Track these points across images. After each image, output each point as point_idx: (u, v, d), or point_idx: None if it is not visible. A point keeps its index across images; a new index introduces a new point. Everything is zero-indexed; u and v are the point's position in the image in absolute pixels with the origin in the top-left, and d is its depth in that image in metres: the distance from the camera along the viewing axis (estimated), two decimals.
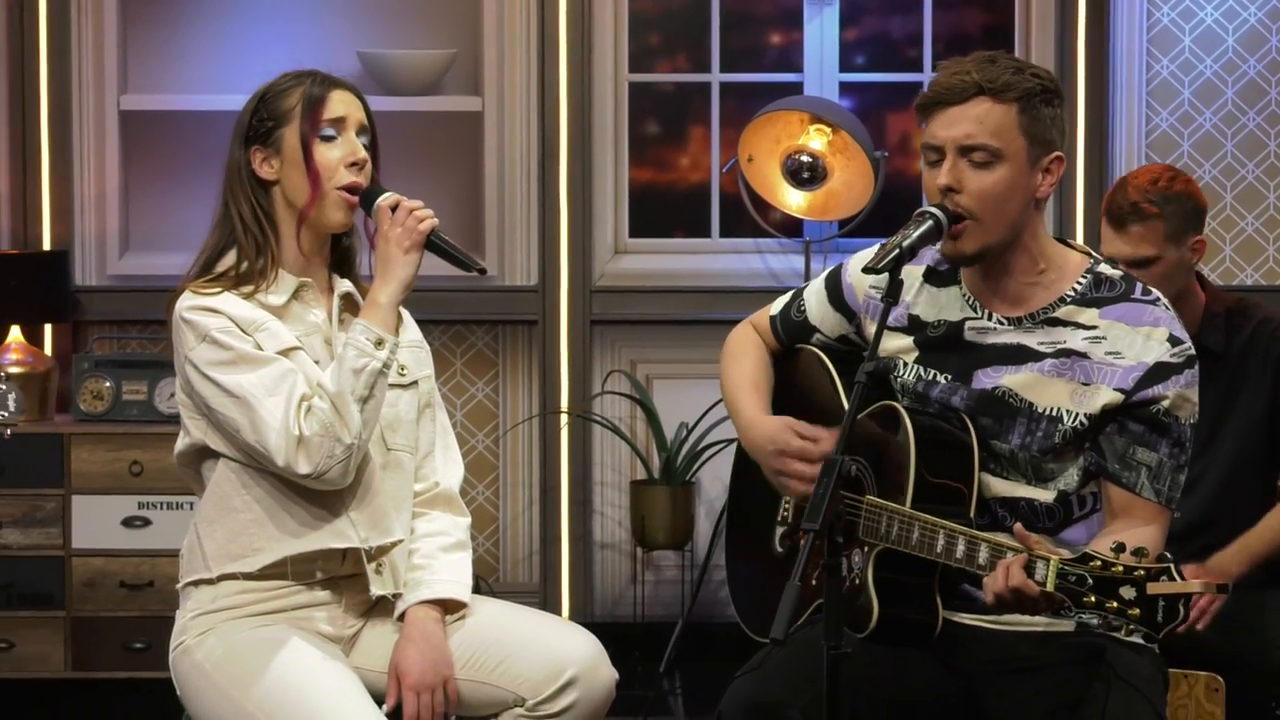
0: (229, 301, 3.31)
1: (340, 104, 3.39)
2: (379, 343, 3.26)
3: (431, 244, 3.34)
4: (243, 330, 3.29)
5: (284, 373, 3.25)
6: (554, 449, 6.57)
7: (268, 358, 3.27)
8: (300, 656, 3.28)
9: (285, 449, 3.21)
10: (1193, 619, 3.82)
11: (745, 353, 3.61)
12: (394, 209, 3.32)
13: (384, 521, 3.35)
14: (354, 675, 3.30)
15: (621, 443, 6.56)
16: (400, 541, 3.37)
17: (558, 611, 6.40)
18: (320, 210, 3.37)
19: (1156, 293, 3.30)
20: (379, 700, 3.31)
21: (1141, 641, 3.24)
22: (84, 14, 6.45)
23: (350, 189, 3.36)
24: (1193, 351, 3.24)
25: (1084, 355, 3.24)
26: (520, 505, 6.62)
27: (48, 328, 6.44)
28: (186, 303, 3.32)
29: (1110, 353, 3.23)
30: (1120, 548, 2.86)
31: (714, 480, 6.43)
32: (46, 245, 6.46)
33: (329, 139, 3.37)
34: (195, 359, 3.28)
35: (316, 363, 3.32)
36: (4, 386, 3.78)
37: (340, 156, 3.36)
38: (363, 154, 3.39)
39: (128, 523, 6.01)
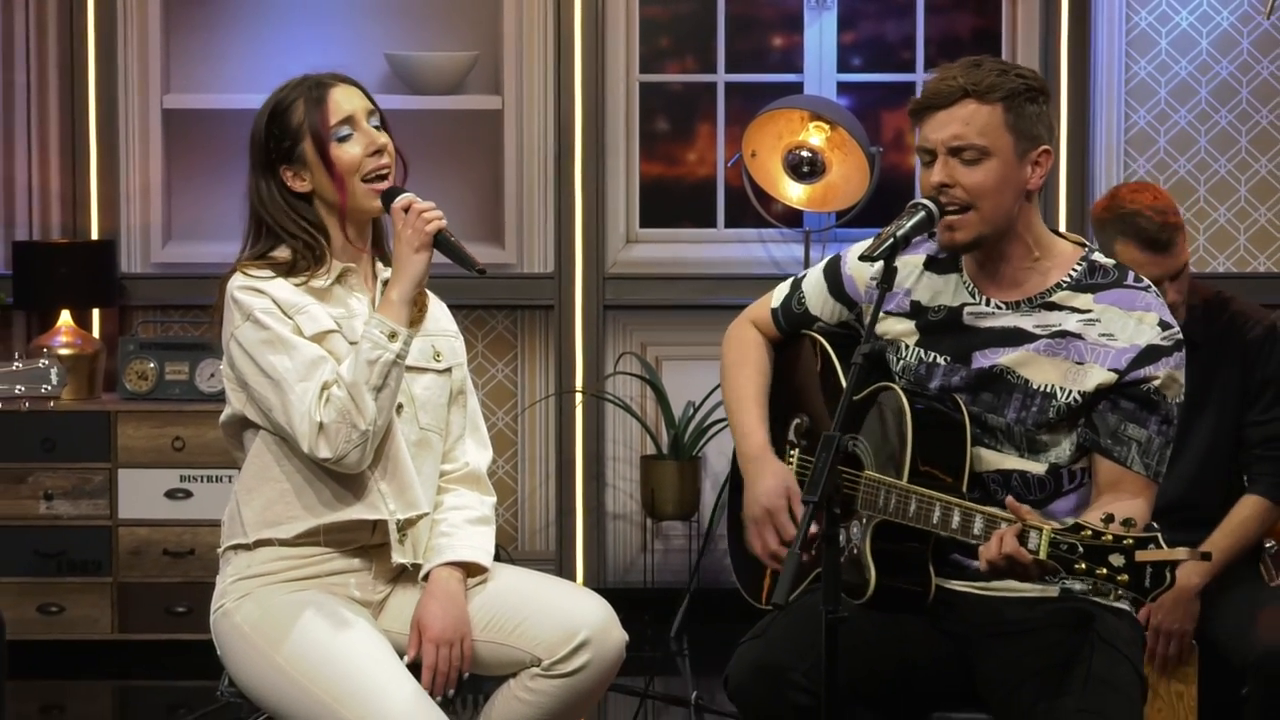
0: (276, 284, 3.32)
1: (342, 102, 3.37)
2: (392, 336, 3.26)
3: (439, 243, 3.33)
4: (284, 312, 3.29)
5: (316, 360, 3.26)
6: (569, 426, 6.57)
7: (303, 344, 3.27)
8: (332, 619, 3.27)
9: (309, 435, 3.22)
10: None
11: (747, 356, 3.58)
12: (406, 210, 3.31)
13: (411, 495, 3.34)
14: (382, 637, 3.30)
15: (632, 420, 6.56)
16: (426, 515, 3.36)
17: (572, 578, 6.40)
18: (354, 203, 3.37)
19: (1147, 280, 3.31)
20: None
21: (1125, 606, 3.25)
22: (129, 20, 6.46)
23: (377, 176, 3.35)
24: (1180, 336, 3.25)
25: (1078, 336, 3.24)
26: (538, 479, 6.62)
27: (95, 312, 6.45)
28: (237, 282, 3.32)
29: (1104, 335, 3.23)
30: (1109, 518, 2.87)
31: (719, 455, 6.42)
32: (94, 235, 6.47)
33: (345, 138, 3.35)
34: (239, 336, 3.30)
35: (353, 345, 3.30)
36: (46, 362, 3.79)
37: (361, 150, 3.35)
38: (381, 139, 3.38)
39: (170, 495, 6.02)
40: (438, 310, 3.52)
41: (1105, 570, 2.82)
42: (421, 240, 3.30)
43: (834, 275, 3.49)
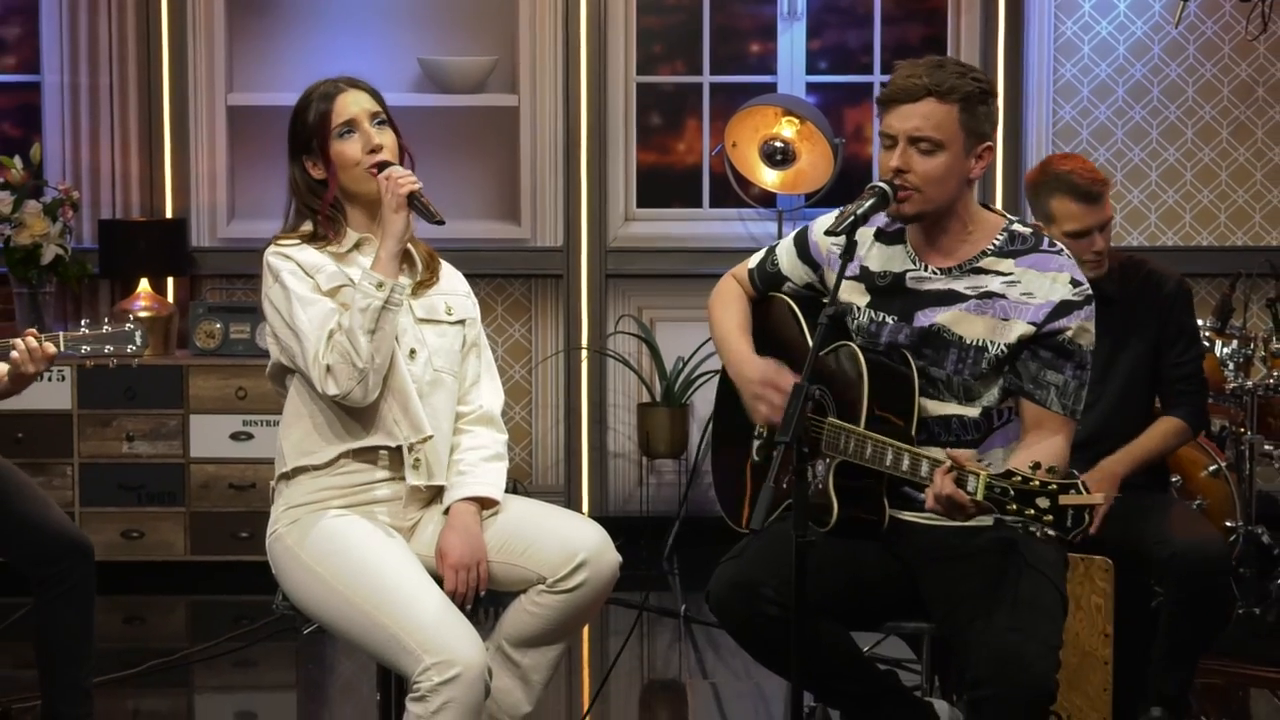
0: (302, 250, 3.35)
1: (348, 105, 3.38)
2: (379, 285, 3.26)
3: (412, 203, 3.32)
4: (306, 273, 3.32)
5: (328, 313, 3.28)
6: (576, 378, 6.57)
7: (319, 300, 3.29)
8: (371, 538, 3.27)
9: (319, 377, 3.25)
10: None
11: (731, 301, 3.56)
12: (388, 179, 3.32)
13: (418, 420, 3.34)
14: (414, 555, 3.30)
15: (630, 373, 6.56)
16: (431, 438, 3.35)
17: (578, 508, 6.40)
18: (354, 187, 3.37)
19: (1060, 245, 3.29)
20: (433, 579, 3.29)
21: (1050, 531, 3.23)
22: (198, 30, 6.44)
23: (376, 165, 3.35)
24: (1090, 291, 3.23)
25: (1002, 296, 3.22)
26: (549, 423, 6.61)
27: (170, 281, 6.45)
28: (270, 251, 3.36)
29: (1024, 293, 3.21)
30: (1036, 466, 2.85)
31: (704, 403, 6.41)
32: (169, 214, 6.47)
33: (344, 135, 3.36)
34: (270, 295, 3.34)
35: None
36: (131, 326, 3.77)
37: (360, 147, 3.36)
38: (377, 140, 3.37)
39: (234, 437, 6.01)
40: (452, 276, 3.53)
41: (1033, 511, 2.81)
42: (398, 201, 3.30)
43: (802, 242, 3.47)
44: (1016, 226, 3.28)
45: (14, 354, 3.71)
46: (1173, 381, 4.27)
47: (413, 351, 3.36)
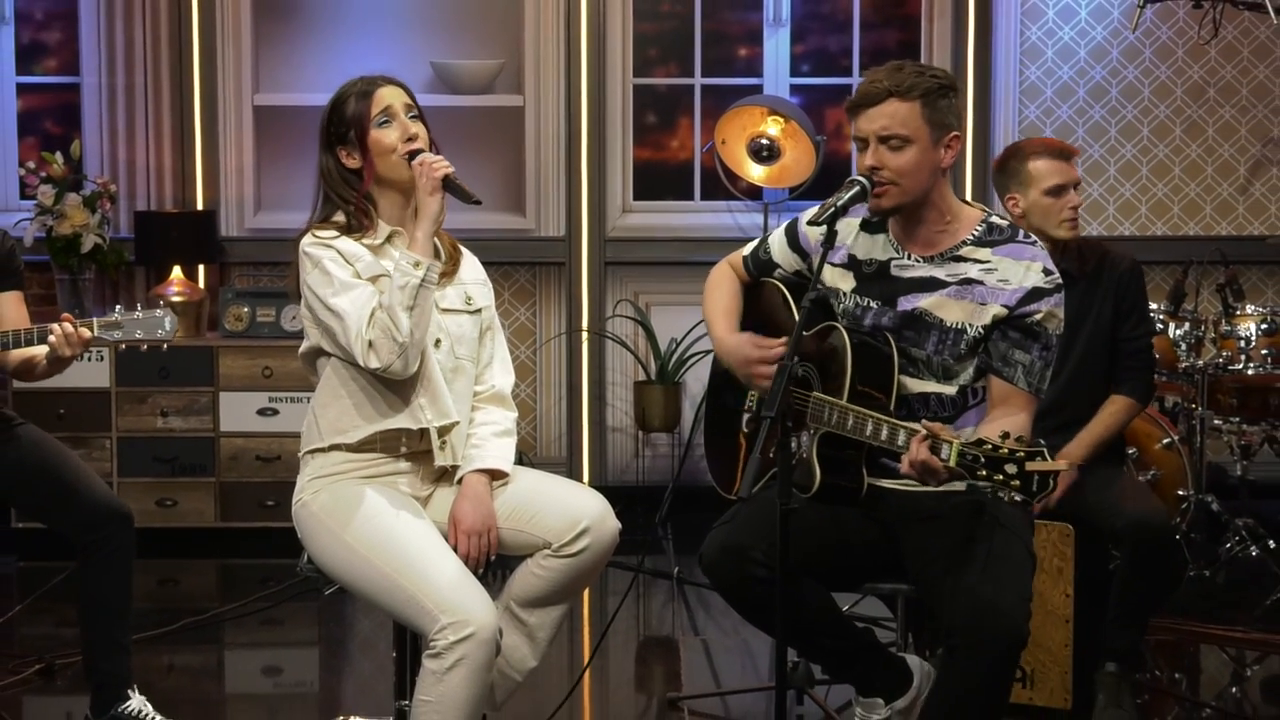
0: (340, 240, 3.30)
1: (385, 97, 3.34)
2: (416, 264, 3.24)
3: (447, 186, 3.30)
4: (346, 260, 3.27)
5: (368, 296, 3.25)
6: (577, 358, 6.56)
7: (358, 284, 3.25)
8: (392, 506, 3.26)
9: (362, 352, 3.21)
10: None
11: (721, 286, 3.57)
12: (422, 165, 3.29)
13: (445, 406, 3.33)
14: (431, 523, 3.29)
15: (627, 353, 6.55)
16: (457, 424, 3.35)
17: (579, 478, 6.40)
18: (390, 174, 3.33)
19: (1034, 236, 3.28)
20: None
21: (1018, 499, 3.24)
22: (226, 35, 6.43)
23: (409, 153, 3.32)
24: (1060, 280, 3.23)
25: (980, 282, 3.21)
26: (552, 399, 6.61)
27: (201, 267, 6.44)
28: (308, 241, 3.31)
29: (1000, 280, 3.21)
30: (1005, 435, 2.85)
31: (696, 381, 6.42)
32: (200, 206, 6.45)
33: (383, 124, 3.32)
34: (309, 282, 3.28)
35: None
36: (161, 312, 3.75)
37: (397, 135, 3.32)
38: (413, 129, 3.34)
39: (261, 412, 6.01)
40: (471, 265, 3.50)
41: (1001, 476, 2.81)
42: (433, 185, 3.26)
43: (792, 233, 3.48)
44: (994, 219, 3.28)
45: (51, 339, 3.70)
46: (1124, 357, 4.29)
47: (437, 341, 3.34)
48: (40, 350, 3.78)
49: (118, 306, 3.78)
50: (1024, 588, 3.07)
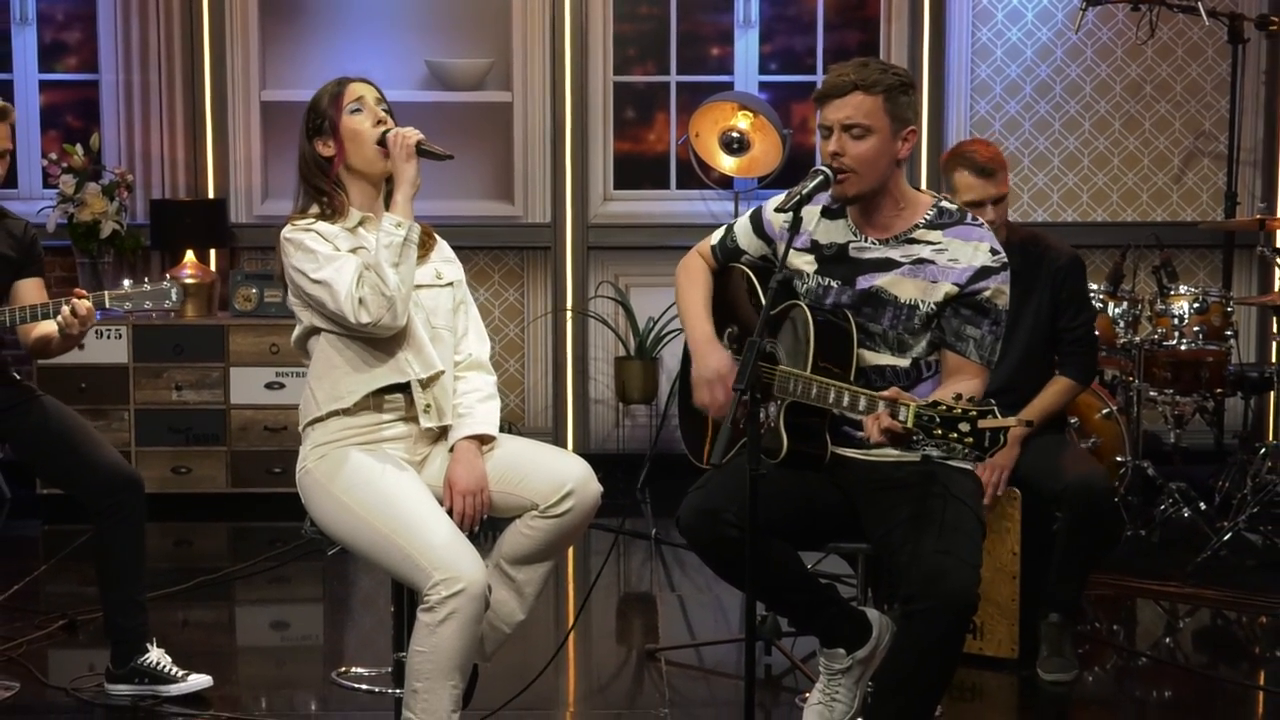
0: (318, 225, 3.31)
1: (357, 90, 3.36)
2: (398, 224, 3.24)
3: (420, 151, 3.30)
4: (325, 239, 3.29)
5: (352, 263, 3.25)
6: (562, 335, 6.55)
7: (341, 255, 3.26)
8: (389, 471, 3.24)
9: (353, 309, 3.21)
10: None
11: (695, 279, 3.52)
12: (394, 138, 3.30)
13: (428, 358, 3.33)
14: (425, 486, 3.27)
15: (609, 331, 6.54)
16: (442, 372, 3.34)
17: (565, 446, 6.39)
18: (361, 161, 3.33)
19: (981, 219, 3.27)
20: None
21: (969, 466, 3.23)
22: (235, 34, 6.41)
23: (380, 139, 3.32)
24: (1006, 260, 3.22)
25: (932, 262, 3.20)
26: (539, 374, 6.60)
27: (212, 252, 6.41)
28: (288, 229, 3.32)
29: (950, 260, 3.19)
30: (959, 396, 2.83)
31: (672, 356, 6.41)
32: (211, 194, 6.42)
33: (355, 112, 3.33)
34: (293, 262, 3.29)
35: None
36: (168, 283, 3.74)
37: (368, 122, 3.33)
38: (383, 115, 3.35)
39: (269, 386, 5.99)
40: (439, 246, 3.49)
41: (955, 434, 2.80)
42: (408, 152, 3.28)
43: (757, 220, 3.45)
44: (944, 203, 3.27)
45: (59, 318, 3.71)
46: (1066, 344, 4.28)
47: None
48: (54, 327, 3.79)
49: (126, 281, 3.76)
50: (974, 555, 3.06)
